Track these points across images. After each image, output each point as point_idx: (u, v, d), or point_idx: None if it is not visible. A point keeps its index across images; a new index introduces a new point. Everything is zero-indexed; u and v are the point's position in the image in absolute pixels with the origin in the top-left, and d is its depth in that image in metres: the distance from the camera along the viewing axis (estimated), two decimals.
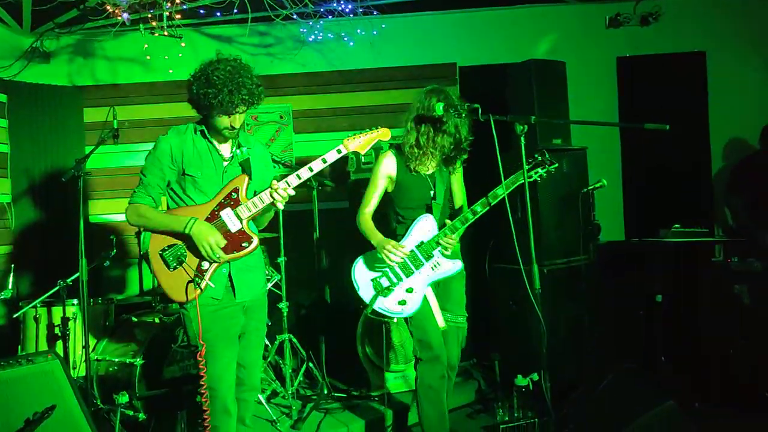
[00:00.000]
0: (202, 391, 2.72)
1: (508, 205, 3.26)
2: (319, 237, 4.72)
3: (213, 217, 2.78)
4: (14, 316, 3.82)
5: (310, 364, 4.43)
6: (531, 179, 3.40)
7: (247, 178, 2.85)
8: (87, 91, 5.59)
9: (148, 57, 5.28)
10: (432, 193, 3.36)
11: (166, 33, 4.27)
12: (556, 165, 3.44)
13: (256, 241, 2.82)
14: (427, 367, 3.29)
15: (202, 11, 4.94)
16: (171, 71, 5.22)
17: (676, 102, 5.53)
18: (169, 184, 2.86)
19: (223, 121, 2.76)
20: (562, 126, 4.70)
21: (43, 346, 3.90)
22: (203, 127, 2.86)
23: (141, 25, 4.40)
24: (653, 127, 2.85)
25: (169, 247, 2.75)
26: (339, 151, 2.88)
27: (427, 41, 5.60)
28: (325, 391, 4.26)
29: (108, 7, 4.64)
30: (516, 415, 4.06)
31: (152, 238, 2.78)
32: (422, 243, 3.32)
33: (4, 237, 5.13)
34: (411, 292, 3.27)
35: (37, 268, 5.07)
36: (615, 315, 4.57)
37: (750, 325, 4.12)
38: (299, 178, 2.82)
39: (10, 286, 3.72)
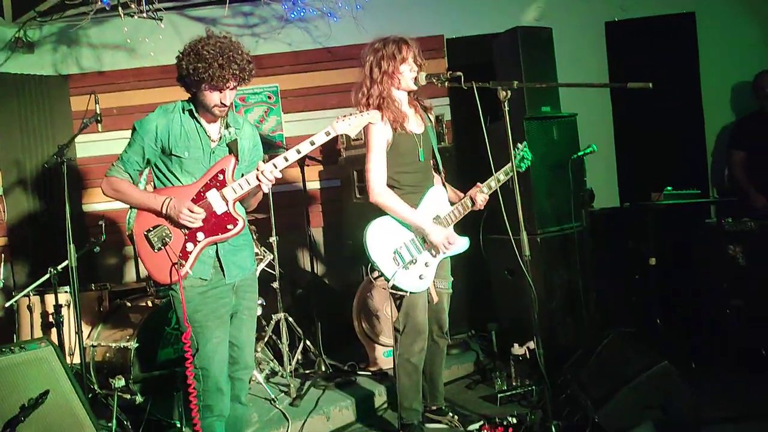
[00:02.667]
0: (188, 373, 2.70)
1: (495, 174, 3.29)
2: (310, 216, 4.71)
3: (199, 199, 2.76)
4: (6, 305, 3.83)
5: (307, 342, 4.44)
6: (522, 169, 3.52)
7: (233, 159, 2.82)
8: (73, 79, 5.55)
9: (128, 41, 5.22)
10: (421, 152, 3.32)
11: (145, 15, 4.22)
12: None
13: (241, 223, 2.80)
14: (408, 341, 3.30)
15: None
16: (152, 54, 5.16)
17: (667, 65, 5.47)
18: (154, 164, 2.83)
19: (213, 97, 2.71)
20: (551, 93, 4.67)
21: (38, 334, 3.90)
22: (192, 107, 2.81)
23: (120, 9, 4.34)
24: (636, 86, 2.83)
25: (154, 228, 2.73)
26: (327, 134, 2.83)
27: (411, 14, 5.54)
28: (323, 369, 4.27)
29: None
30: (514, 383, 4.08)
31: (137, 219, 2.76)
32: (438, 216, 3.31)
33: None
34: (428, 266, 3.26)
35: (32, 258, 5.07)
36: (610, 280, 4.57)
37: (745, 285, 4.12)
38: (286, 161, 2.78)
39: (1, 276, 3.72)
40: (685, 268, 4.45)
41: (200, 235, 2.74)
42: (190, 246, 2.74)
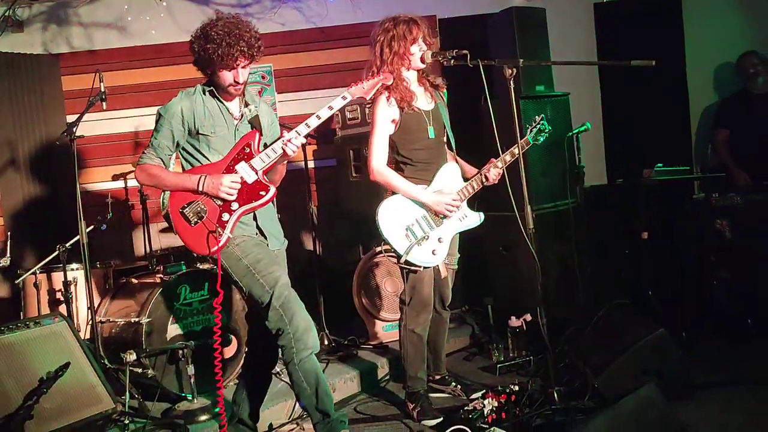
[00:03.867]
0: (216, 338, 2.76)
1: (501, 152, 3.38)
2: (310, 194, 4.76)
3: (229, 172, 2.84)
4: (16, 282, 3.85)
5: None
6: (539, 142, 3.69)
7: (257, 133, 2.92)
8: (64, 58, 5.50)
9: (129, 18, 5.17)
10: (431, 129, 3.39)
11: None
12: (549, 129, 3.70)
13: (273, 189, 2.89)
14: (414, 313, 3.40)
15: None
16: (154, 32, 5.14)
17: (654, 46, 5.54)
18: (182, 147, 2.93)
19: (227, 76, 2.82)
20: (545, 73, 4.76)
21: (45, 311, 3.93)
22: (211, 88, 2.91)
23: None
24: (639, 63, 2.95)
25: (189, 204, 2.82)
26: (344, 98, 2.95)
27: None
28: (325, 343, 4.36)
29: None
30: (512, 355, 4.20)
31: (171, 198, 2.84)
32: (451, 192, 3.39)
33: None
34: (441, 242, 3.34)
35: (29, 237, 5.03)
36: (603, 255, 4.71)
37: (731, 257, 4.29)
38: (308, 127, 2.88)
39: (8, 254, 3.73)
40: (674, 242, 4.62)
41: (235, 205, 2.83)
42: (226, 216, 2.82)
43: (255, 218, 2.94)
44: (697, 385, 3.40)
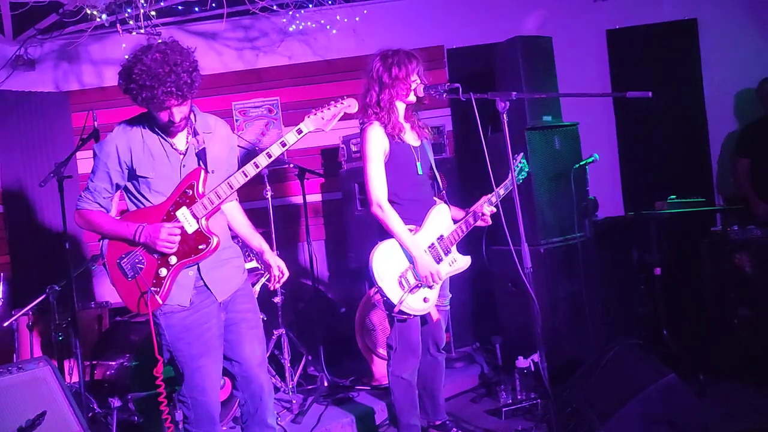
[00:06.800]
0: (162, 408, 2.65)
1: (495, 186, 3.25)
2: (312, 229, 4.68)
3: (169, 219, 2.57)
4: (5, 324, 3.80)
5: (310, 357, 4.39)
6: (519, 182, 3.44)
7: (203, 172, 2.60)
8: (74, 96, 5.56)
9: (126, 56, 5.19)
10: (419, 165, 3.27)
11: (142, 31, 4.22)
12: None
13: (215, 241, 2.60)
14: (401, 358, 3.25)
15: (180, 7, 4.87)
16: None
17: (670, 72, 5.45)
18: (124, 187, 2.68)
19: (161, 116, 2.51)
20: (552, 103, 4.63)
21: (38, 353, 3.87)
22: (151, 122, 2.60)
23: (118, 25, 4.34)
24: (636, 95, 2.79)
25: (126, 254, 2.58)
26: (300, 132, 2.65)
27: (411, 25, 5.51)
28: (326, 384, 4.22)
29: (87, 10, 4.59)
30: (519, 397, 4.02)
31: (108, 247, 2.62)
32: (442, 236, 3.27)
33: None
34: (432, 288, 3.19)
35: (32, 275, 5.05)
36: (615, 290, 4.51)
37: (752, 294, 4.05)
38: (257, 166, 2.60)
39: (0, 295, 3.70)
40: (691, 278, 4.39)
41: (173, 259, 2.58)
42: (163, 271, 2.57)
43: (198, 269, 2.65)
44: None
